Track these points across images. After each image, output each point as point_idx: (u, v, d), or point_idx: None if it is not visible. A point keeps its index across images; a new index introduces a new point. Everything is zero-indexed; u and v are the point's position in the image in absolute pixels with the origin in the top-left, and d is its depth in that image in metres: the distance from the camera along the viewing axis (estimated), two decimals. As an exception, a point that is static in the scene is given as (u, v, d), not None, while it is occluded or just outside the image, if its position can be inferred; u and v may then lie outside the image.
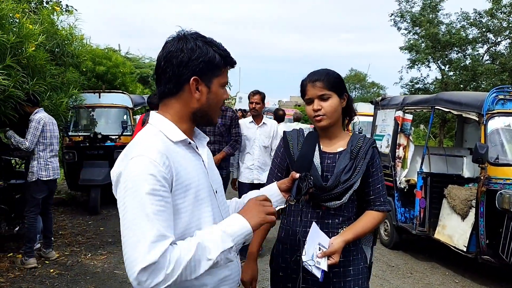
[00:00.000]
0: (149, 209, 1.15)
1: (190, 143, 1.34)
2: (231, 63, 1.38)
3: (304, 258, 1.67)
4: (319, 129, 1.91)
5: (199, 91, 1.32)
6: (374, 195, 1.88)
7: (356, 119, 2.08)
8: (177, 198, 1.24)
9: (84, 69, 8.00)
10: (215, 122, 1.42)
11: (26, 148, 4.60)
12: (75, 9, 8.14)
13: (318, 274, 1.67)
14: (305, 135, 1.93)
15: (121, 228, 1.18)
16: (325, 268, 1.68)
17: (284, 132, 2.02)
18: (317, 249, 1.71)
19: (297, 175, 1.58)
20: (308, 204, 1.85)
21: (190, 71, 1.29)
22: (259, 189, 1.72)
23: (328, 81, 1.82)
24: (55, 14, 6.05)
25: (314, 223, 1.77)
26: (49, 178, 4.69)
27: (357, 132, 2.08)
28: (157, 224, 1.15)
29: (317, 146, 1.88)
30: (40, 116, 4.68)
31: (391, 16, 17.44)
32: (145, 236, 1.13)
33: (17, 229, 5.34)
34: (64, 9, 8.13)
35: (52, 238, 5.08)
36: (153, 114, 1.36)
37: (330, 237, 1.78)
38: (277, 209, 1.61)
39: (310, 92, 1.84)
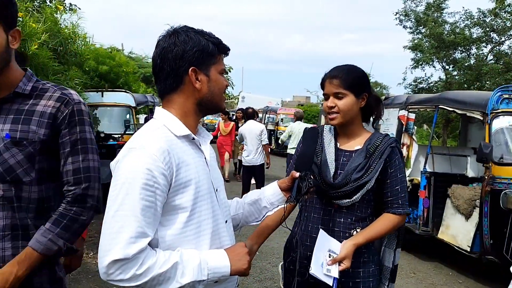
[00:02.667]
0: (138, 203, 1.16)
1: (193, 138, 1.33)
2: (225, 49, 1.38)
3: (312, 266, 1.64)
4: (335, 126, 1.91)
5: (199, 80, 1.32)
6: (391, 196, 1.82)
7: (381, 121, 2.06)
8: (176, 194, 1.23)
9: (87, 68, 8.00)
10: (222, 108, 1.43)
11: None
12: (79, 8, 8.15)
13: (330, 281, 1.64)
14: (304, 132, 1.94)
15: (105, 213, 1.19)
16: (336, 275, 1.65)
17: (305, 129, 2.04)
18: (327, 256, 1.68)
19: (297, 174, 1.56)
20: (321, 201, 1.84)
21: (186, 62, 1.30)
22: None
23: (345, 79, 1.79)
24: (58, 12, 6.05)
25: (321, 230, 1.74)
26: None
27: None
28: (141, 220, 1.15)
29: (333, 143, 1.88)
30: None
31: (396, 15, 17.41)
32: (127, 229, 1.14)
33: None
34: (67, 8, 8.14)
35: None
36: (157, 109, 1.37)
37: (342, 237, 1.76)
38: (277, 208, 1.60)
39: (327, 88, 1.84)
